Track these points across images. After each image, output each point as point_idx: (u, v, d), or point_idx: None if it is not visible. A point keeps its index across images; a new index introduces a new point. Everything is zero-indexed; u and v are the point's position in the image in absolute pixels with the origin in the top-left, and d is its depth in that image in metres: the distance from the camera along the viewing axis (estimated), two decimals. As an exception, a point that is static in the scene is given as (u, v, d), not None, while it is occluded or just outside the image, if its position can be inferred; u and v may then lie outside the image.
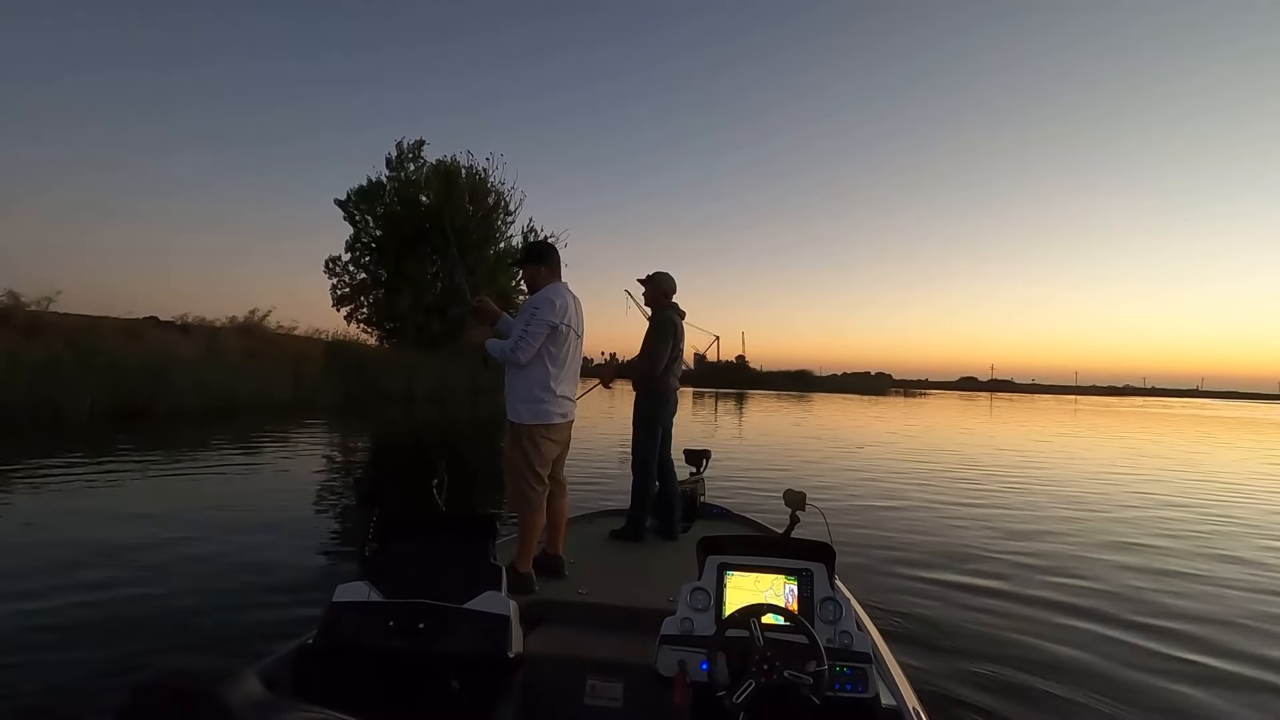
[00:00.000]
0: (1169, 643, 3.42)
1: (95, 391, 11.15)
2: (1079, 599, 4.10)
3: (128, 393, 11.74)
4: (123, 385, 11.69)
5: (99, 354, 11.92)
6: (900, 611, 3.68)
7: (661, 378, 3.77)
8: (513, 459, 2.88)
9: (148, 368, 12.34)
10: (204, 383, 13.34)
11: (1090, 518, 6.82)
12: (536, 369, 2.85)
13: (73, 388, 10.81)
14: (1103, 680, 2.95)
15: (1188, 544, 5.76)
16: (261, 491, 6.72)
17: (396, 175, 27.18)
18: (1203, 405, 71.34)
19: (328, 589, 1.82)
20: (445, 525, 1.97)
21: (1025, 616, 3.76)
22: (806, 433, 16.63)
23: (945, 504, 7.23)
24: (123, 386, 11.68)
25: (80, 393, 10.86)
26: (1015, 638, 3.42)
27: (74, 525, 4.96)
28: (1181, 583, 4.58)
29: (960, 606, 3.89)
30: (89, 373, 11.19)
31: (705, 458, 4.44)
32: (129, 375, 11.87)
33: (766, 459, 10.77)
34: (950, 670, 2.96)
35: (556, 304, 2.84)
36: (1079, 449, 15.05)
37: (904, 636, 3.29)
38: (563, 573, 2.93)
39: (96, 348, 12.23)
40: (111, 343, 13.17)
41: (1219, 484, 9.75)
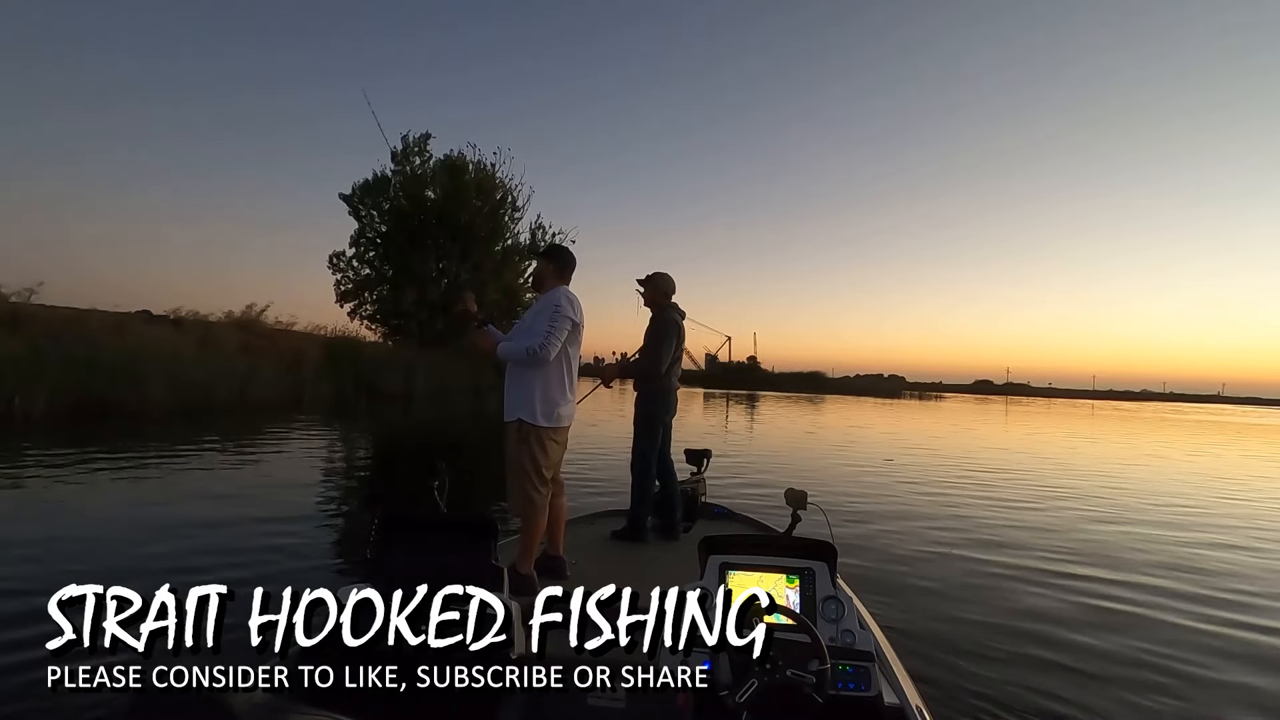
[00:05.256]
0: (1170, 643, 3.42)
1: (55, 389, 10.42)
2: (1084, 599, 4.08)
3: (97, 389, 11.02)
4: (92, 381, 10.97)
5: (59, 347, 11.23)
6: (903, 610, 3.67)
7: (663, 378, 3.78)
8: (519, 461, 2.83)
9: (121, 362, 11.63)
10: (184, 379, 12.61)
11: (1094, 515, 6.88)
12: (554, 370, 2.86)
13: (29, 384, 10.12)
14: (1105, 679, 2.95)
15: (1210, 541, 5.69)
16: (260, 492, 6.34)
17: (402, 169, 26.67)
18: (1223, 411, 70.69)
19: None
20: (446, 526, 2.02)
21: (1029, 615, 3.75)
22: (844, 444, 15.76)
23: (949, 504, 7.18)
24: (92, 383, 10.97)
25: (35, 389, 10.15)
26: (1019, 637, 3.41)
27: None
28: (1200, 579, 4.61)
29: (964, 605, 3.88)
30: (44, 367, 10.46)
31: (706, 457, 4.45)
32: (97, 370, 11.15)
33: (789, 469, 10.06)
34: (953, 668, 2.96)
35: (575, 304, 2.91)
36: (1092, 451, 15.25)
37: (907, 635, 3.27)
38: (565, 573, 2.96)
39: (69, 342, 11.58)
40: (95, 337, 12.60)
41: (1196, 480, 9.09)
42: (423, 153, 26.89)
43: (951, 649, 3.19)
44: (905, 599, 3.89)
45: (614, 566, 3.16)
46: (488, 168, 27.46)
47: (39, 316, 13.43)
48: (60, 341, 11.55)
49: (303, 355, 17.38)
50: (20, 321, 12.60)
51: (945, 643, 3.26)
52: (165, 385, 12.03)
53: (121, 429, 10.08)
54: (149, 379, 11.79)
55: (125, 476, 6.73)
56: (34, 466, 6.83)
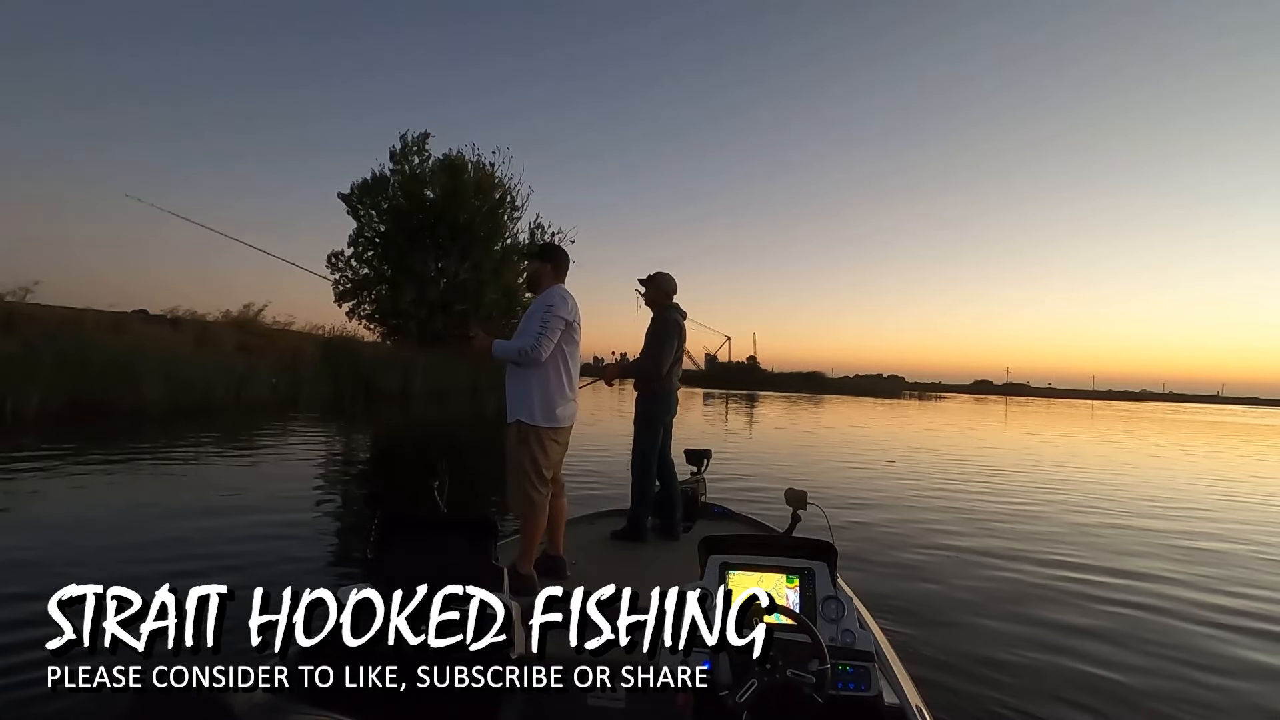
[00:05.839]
0: (1171, 642, 3.41)
1: (48, 388, 10.35)
2: (1084, 599, 4.07)
3: (91, 389, 10.96)
4: (87, 381, 10.91)
5: (52, 347, 11.15)
6: (903, 610, 3.66)
7: (664, 378, 3.77)
8: (519, 461, 2.83)
9: (116, 362, 11.57)
10: (181, 378, 12.55)
11: (1093, 516, 6.86)
12: (551, 370, 2.85)
13: (22, 384, 10.05)
14: (1106, 679, 2.93)
15: (1211, 548, 5.64)
16: (259, 492, 6.29)
17: (400, 169, 26.64)
18: (1223, 411, 70.69)
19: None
20: (446, 526, 2.03)
21: (1030, 615, 3.74)
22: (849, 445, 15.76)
23: (948, 504, 7.17)
24: (87, 382, 10.91)
25: (28, 389, 10.09)
26: (1020, 636, 3.40)
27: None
28: (1201, 578, 4.61)
29: (964, 605, 3.88)
30: (37, 367, 10.40)
31: (706, 457, 4.46)
32: (91, 370, 11.09)
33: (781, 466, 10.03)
34: (954, 668, 2.96)
35: (569, 302, 2.89)
36: (1093, 451, 15.17)
37: (907, 635, 3.26)
38: (565, 574, 2.95)
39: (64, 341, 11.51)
40: (91, 337, 12.53)
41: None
42: (421, 152, 26.88)
43: (951, 649, 3.19)
44: (905, 599, 3.89)
45: (614, 566, 3.16)
46: (486, 167, 27.43)
47: (34, 316, 13.31)
48: (55, 341, 11.47)
49: (299, 355, 17.32)
50: (14, 321, 12.51)
51: (945, 643, 3.25)
52: (161, 385, 11.96)
53: (117, 429, 10.04)
54: (144, 378, 11.73)
55: (123, 477, 6.71)
56: (28, 466, 6.79)
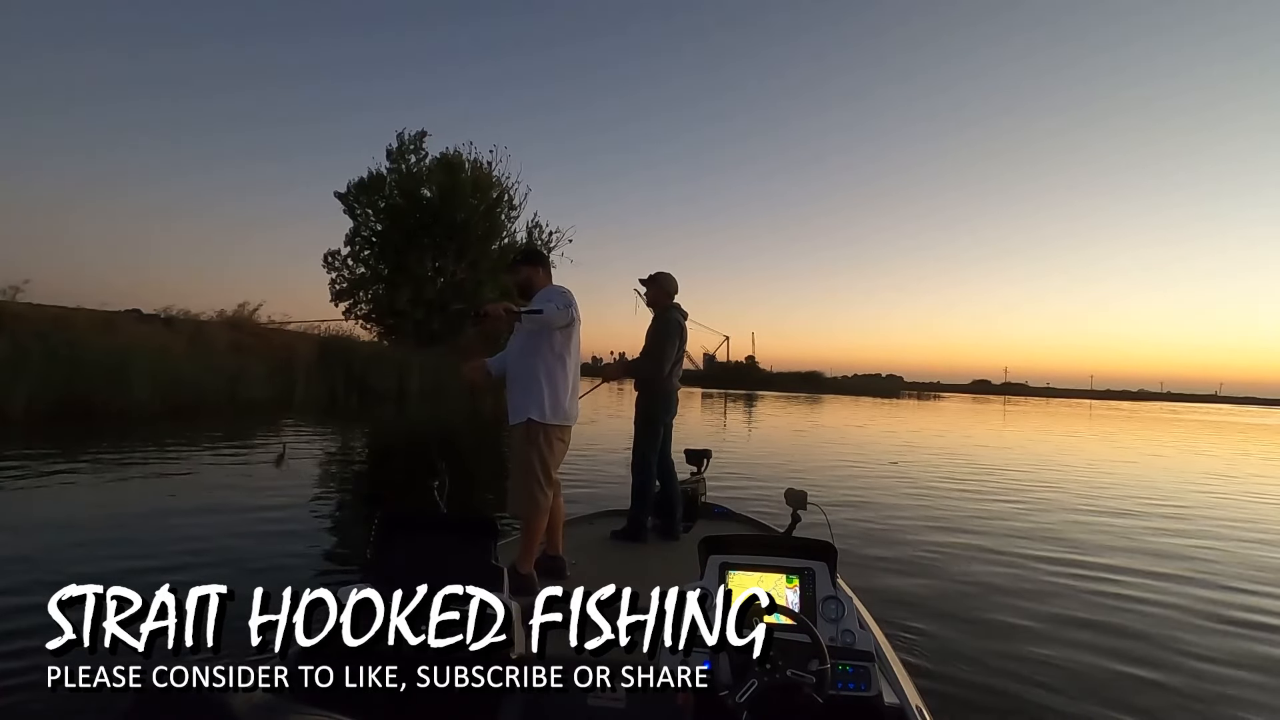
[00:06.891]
0: (1171, 642, 3.41)
1: (37, 388, 10.26)
2: (1085, 599, 4.06)
3: (82, 389, 10.88)
4: (77, 380, 10.82)
5: (42, 345, 11.08)
6: (903, 610, 3.66)
7: (664, 378, 3.77)
8: (528, 461, 2.80)
9: (108, 361, 11.48)
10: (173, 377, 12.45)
11: (1093, 516, 6.87)
12: (557, 367, 2.85)
13: (8, 382, 9.97)
14: (1107, 679, 2.93)
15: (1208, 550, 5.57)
16: (259, 491, 6.25)
17: (397, 167, 26.59)
18: (1221, 411, 70.81)
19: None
20: (446, 526, 2.04)
21: (1030, 614, 3.74)
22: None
23: (947, 503, 7.19)
24: (77, 381, 10.82)
25: (15, 388, 9.99)
26: (1020, 636, 3.40)
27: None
28: (1202, 578, 4.61)
29: (964, 604, 3.88)
30: (25, 365, 10.32)
31: (706, 457, 4.46)
32: (81, 369, 11.00)
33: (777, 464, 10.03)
34: (954, 668, 2.96)
35: (569, 296, 2.86)
36: (1093, 451, 15.25)
37: (907, 635, 3.27)
38: (565, 573, 2.96)
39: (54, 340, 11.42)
40: (83, 336, 12.41)
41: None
42: (418, 151, 26.83)
43: (951, 649, 3.18)
44: (905, 599, 3.88)
45: (614, 566, 3.16)
46: (484, 166, 27.36)
47: (25, 315, 13.06)
48: (45, 339, 11.36)
49: (294, 354, 17.17)
50: (3, 320, 12.36)
51: (945, 643, 3.25)
52: (153, 384, 11.86)
53: (110, 429, 9.98)
54: (136, 378, 11.63)
55: (119, 476, 6.69)
56: (20, 466, 6.76)
